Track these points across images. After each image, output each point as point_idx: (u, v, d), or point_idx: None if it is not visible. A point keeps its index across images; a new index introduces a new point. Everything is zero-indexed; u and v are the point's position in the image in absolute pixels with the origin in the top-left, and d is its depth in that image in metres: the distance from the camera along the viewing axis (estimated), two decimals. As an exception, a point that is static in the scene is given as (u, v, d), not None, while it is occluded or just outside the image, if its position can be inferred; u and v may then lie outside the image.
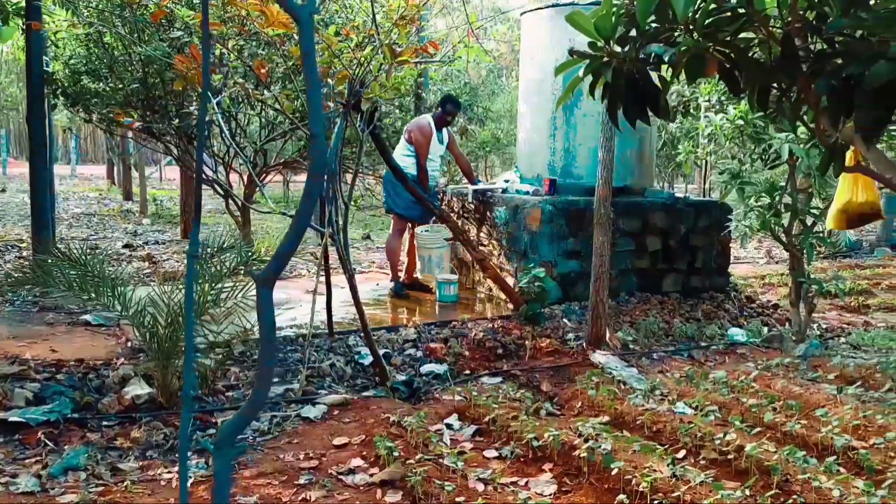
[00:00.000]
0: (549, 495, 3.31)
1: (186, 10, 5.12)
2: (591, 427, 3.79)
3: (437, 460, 3.52)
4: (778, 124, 5.20)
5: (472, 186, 7.31)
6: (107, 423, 3.96)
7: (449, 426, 4.11)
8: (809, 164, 5.19)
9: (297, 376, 4.61)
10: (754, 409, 4.13)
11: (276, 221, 12.95)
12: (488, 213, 7.06)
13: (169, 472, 3.41)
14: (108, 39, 7.23)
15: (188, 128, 6.90)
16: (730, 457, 3.54)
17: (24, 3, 6.64)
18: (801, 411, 4.12)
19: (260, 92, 4.99)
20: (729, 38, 1.68)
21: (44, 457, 3.53)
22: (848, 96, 1.52)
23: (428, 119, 7.01)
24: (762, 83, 1.74)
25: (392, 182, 6.80)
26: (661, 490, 3.14)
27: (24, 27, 6.62)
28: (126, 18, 6.88)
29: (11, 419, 3.80)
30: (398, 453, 3.53)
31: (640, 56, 1.77)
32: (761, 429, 3.90)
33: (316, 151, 1.00)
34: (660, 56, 1.74)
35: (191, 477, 3.32)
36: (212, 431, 3.92)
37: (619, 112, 1.92)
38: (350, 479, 3.41)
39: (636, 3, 1.62)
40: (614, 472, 3.30)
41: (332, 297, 5.26)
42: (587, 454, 3.46)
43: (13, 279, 4.91)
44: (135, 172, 16.68)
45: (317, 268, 5.00)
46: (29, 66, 6.67)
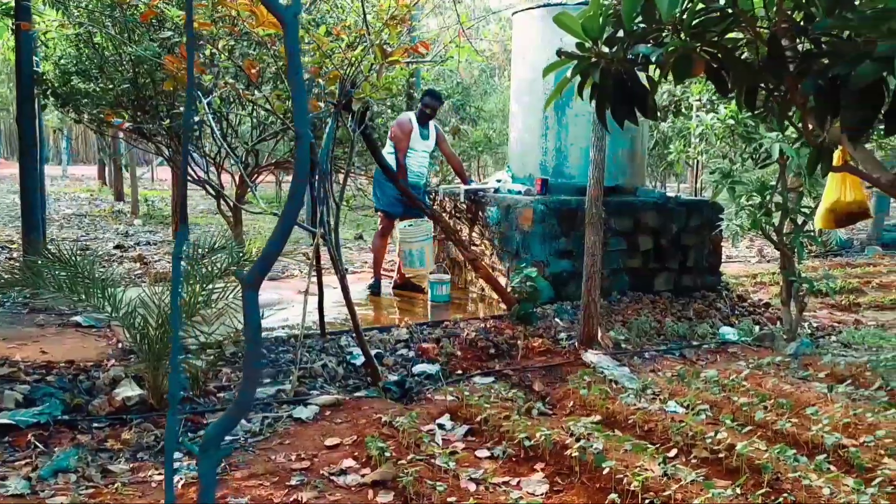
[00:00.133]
0: (540, 495, 3.32)
1: (176, 10, 5.11)
2: (582, 426, 3.80)
3: (429, 460, 3.51)
4: (768, 124, 5.22)
5: (465, 186, 7.31)
6: (97, 424, 3.95)
7: (441, 426, 4.11)
8: (800, 163, 5.21)
9: (289, 377, 4.60)
10: (745, 407, 4.14)
11: (268, 222, 12.92)
12: (480, 213, 7.06)
13: (160, 473, 3.40)
14: (98, 39, 7.19)
15: (179, 128, 6.87)
16: (721, 455, 3.55)
17: (13, 3, 6.61)
18: (791, 410, 4.13)
19: (251, 92, 4.98)
20: (716, 39, 1.69)
21: (34, 459, 3.51)
22: (834, 96, 1.53)
23: (409, 115, 7.00)
24: (749, 83, 1.75)
25: (378, 179, 6.91)
26: (653, 489, 3.15)
27: (14, 27, 6.59)
28: (116, 18, 6.86)
29: (1, 421, 3.78)
30: (390, 454, 3.53)
31: (627, 56, 1.78)
32: (752, 427, 3.92)
33: (302, 152, 1.00)
34: (647, 56, 1.75)
35: (182, 479, 3.31)
36: (203, 433, 3.91)
37: (608, 112, 1.92)
38: (342, 479, 3.41)
39: (622, 4, 1.62)
40: (606, 471, 3.31)
41: (324, 297, 5.26)
42: (579, 454, 3.46)
43: (3, 281, 4.88)
44: (126, 173, 16.63)
45: (308, 268, 4.98)
46: (18, 67, 6.64)
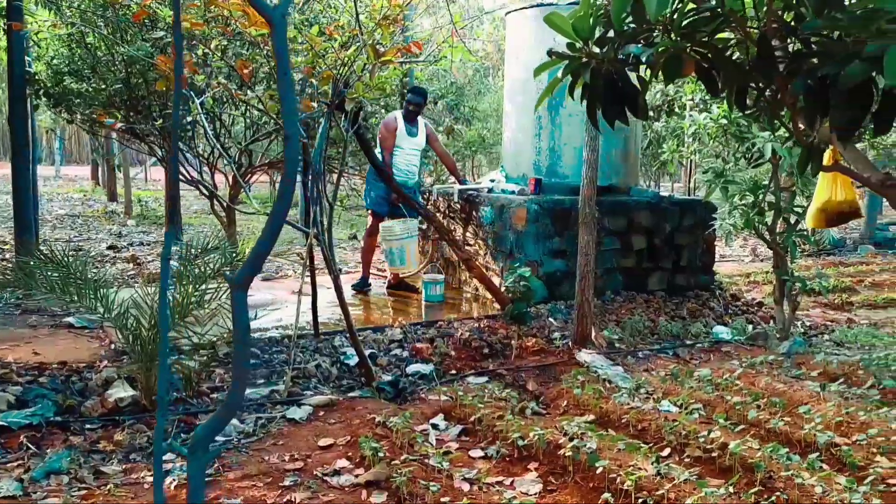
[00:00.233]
0: (534, 494, 3.32)
1: (168, 10, 5.09)
2: (576, 426, 3.80)
3: (423, 460, 3.51)
4: (761, 123, 5.23)
5: (459, 186, 7.31)
6: (90, 426, 3.93)
7: (435, 426, 4.11)
8: (792, 162, 5.23)
9: (283, 377, 4.59)
10: (738, 406, 4.15)
11: (261, 222, 12.89)
12: (474, 213, 7.06)
13: (152, 474, 3.39)
14: (90, 40, 7.17)
15: (172, 128, 6.86)
16: (714, 454, 3.55)
17: (4, 4, 6.58)
18: (784, 408, 4.14)
19: (243, 92, 4.97)
20: (706, 39, 1.69)
21: (26, 460, 3.49)
22: (824, 96, 1.53)
23: (395, 114, 7.00)
24: (740, 83, 1.75)
25: (368, 179, 6.98)
26: (646, 488, 3.15)
27: (5, 27, 6.57)
28: (108, 19, 6.84)
29: (-7, 423, 3.77)
30: (383, 454, 3.53)
31: (618, 57, 1.78)
32: (745, 426, 3.93)
33: (291, 152, 1.00)
34: (638, 56, 1.75)
35: (174, 480, 3.30)
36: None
37: (599, 112, 1.92)
38: (335, 480, 3.41)
39: (611, 4, 1.62)
40: (599, 470, 3.31)
41: (318, 297, 5.25)
42: (572, 453, 3.46)
43: (-5, 281, 4.87)
44: (119, 173, 16.59)
45: (302, 268, 4.98)
46: (10, 67, 6.63)
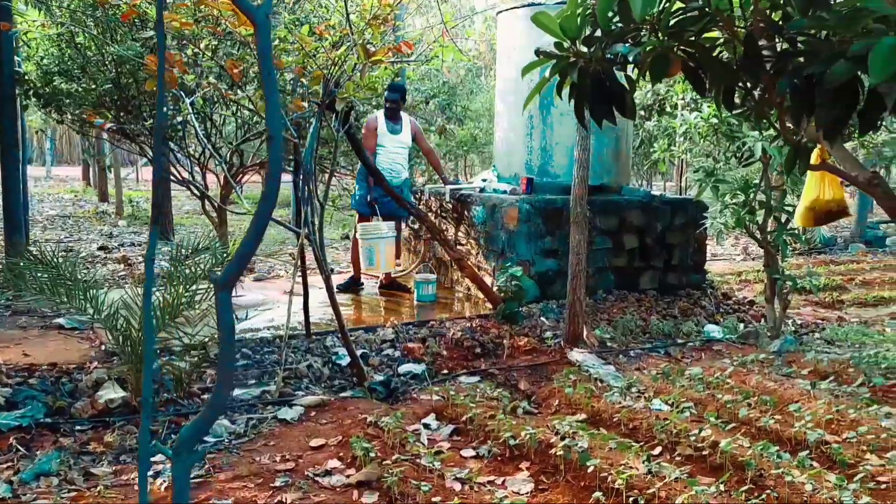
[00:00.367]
0: (525, 494, 3.32)
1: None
2: (567, 425, 3.80)
3: (414, 460, 3.51)
4: (751, 123, 5.25)
5: (449, 186, 7.31)
6: (80, 427, 3.92)
7: (426, 426, 4.11)
8: (782, 161, 5.24)
9: (274, 378, 4.58)
10: (729, 405, 4.16)
11: (254, 222, 12.86)
12: (466, 213, 7.06)
13: (143, 476, 3.37)
14: (80, 39, 7.14)
15: (162, 128, 6.83)
16: (705, 453, 3.56)
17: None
18: (775, 407, 4.16)
19: (234, 92, 4.96)
20: (693, 38, 1.69)
21: (15, 462, 3.48)
22: (809, 95, 1.53)
23: (377, 114, 6.99)
24: (727, 83, 1.76)
25: (357, 179, 7.05)
26: (637, 487, 3.16)
27: (-5, 27, 6.53)
28: (98, 18, 6.80)
29: (-18, 425, 3.75)
30: (375, 454, 3.53)
31: (606, 56, 1.78)
32: (736, 424, 3.94)
33: (274, 153, 1.00)
34: (625, 56, 1.75)
35: (165, 481, 3.29)
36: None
37: (587, 112, 1.93)
38: (326, 480, 3.40)
39: (597, 4, 1.62)
40: (590, 469, 3.31)
41: (310, 297, 5.24)
42: (563, 452, 3.47)
43: (-15, 283, 4.85)
44: (110, 174, 16.53)
45: (293, 269, 4.97)
46: (0, 67, 6.58)
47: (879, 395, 4.60)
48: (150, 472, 3.43)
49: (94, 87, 7.11)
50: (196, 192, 7.44)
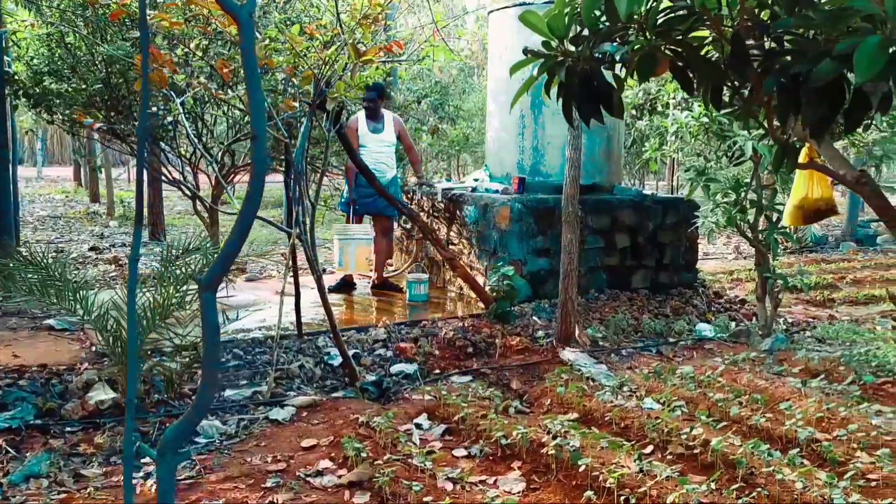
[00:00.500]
0: (517, 493, 3.32)
1: (147, 9, 5.04)
2: (559, 424, 3.80)
3: (406, 460, 3.51)
4: (741, 122, 5.26)
5: (420, 184, 7.39)
6: (70, 429, 3.90)
7: (418, 426, 4.10)
8: (772, 160, 5.26)
9: (266, 378, 4.57)
10: (721, 403, 4.17)
11: (246, 222, 12.83)
12: (458, 212, 7.06)
13: (133, 478, 3.36)
14: (70, 39, 7.11)
15: (153, 128, 6.81)
16: (696, 451, 3.57)
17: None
18: (766, 405, 4.17)
19: (224, 92, 4.95)
20: (681, 37, 1.69)
21: (5, 464, 3.46)
22: (796, 94, 1.54)
23: (358, 115, 6.97)
24: (714, 82, 1.76)
25: (346, 180, 7.07)
26: (628, 486, 3.16)
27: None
28: (88, 18, 6.78)
29: (-29, 427, 3.73)
30: (366, 454, 3.52)
31: (594, 55, 1.78)
32: (727, 423, 3.95)
33: (258, 153, 0.99)
34: (613, 55, 1.75)
35: (154, 483, 3.28)
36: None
37: (575, 111, 1.93)
38: (318, 480, 3.39)
39: (583, 3, 1.63)
40: (582, 468, 3.32)
41: (302, 297, 5.23)
42: (555, 451, 3.47)
43: (-27, 284, 4.82)
44: (101, 174, 16.46)
45: (285, 269, 4.96)
46: (-11, 67, 6.55)
47: (870, 393, 4.62)
48: (140, 474, 3.42)
49: (84, 87, 7.08)
50: (187, 192, 7.41)
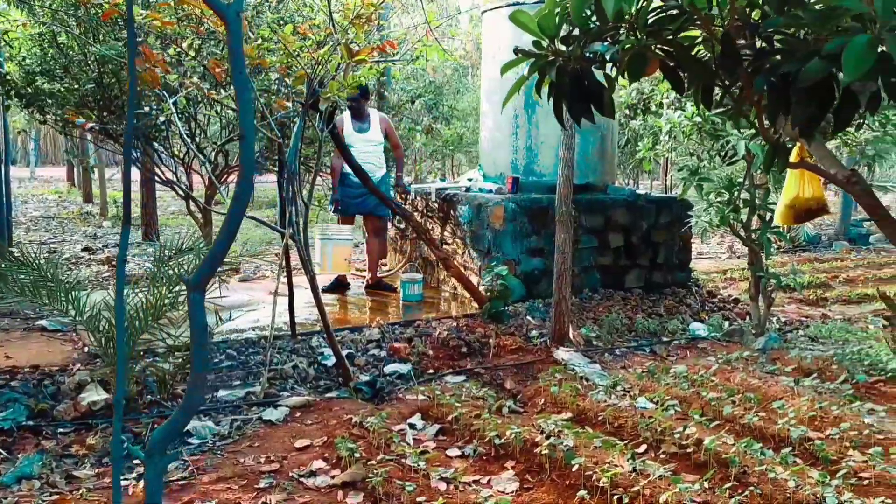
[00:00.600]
0: (510, 493, 3.32)
1: (139, 8, 5.04)
2: (553, 424, 3.81)
3: (400, 460, 3.51)
4: (733, 121, 5.27)
5: (398, 184, 7.36)
6: (62, 430, 3.88)
7: (412, 426, 4.10)
8: (763, 160, 5.27)
9: (259, 379, 4.56)
10: (714, 402, 4.18)
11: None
12: (452, 212, 7.06)
13: (125, 478, 3.35)
14: (62, 39, 7.08)
15: (145, 128, 6.80)
16: (689, 450, 3.58)
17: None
18: (759, 404, 4.18)
19: (217, 92, 4.94)
20: (672, 37, 1.70)
21: (-4, 466, 3.45)
22: (785, 94, 1.54)
23: (343, 116, 6.95)
24: (705, 81, 1.76)
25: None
26: (621, 485, 3.17)
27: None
28: (81, 18, 6.75)
29: (-37, 428, 3.71)
30: (360, 454, 3.52)
31: (584, 54, 1.79)
32: (720, 422, 3.96)
33: (246, 153, 0.99)
34: (603, 54, 1.75)
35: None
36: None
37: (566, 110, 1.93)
38: (311, 481, 3.39)
39: (571, 3, 1.62)
40: (575, 468, 3.32)
41: (296, 297, 5.23)
42: (549, 451, 3.47)
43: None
44: (95, 174, 16.42)
45: (278, 269, 4.95)
46: (-20, 67, 6.53)
47: (862, 392, 4.63)
48: (133, 475, 3.41)
49: (76, 86, 7.05)
50: (180, 192, 7.40)
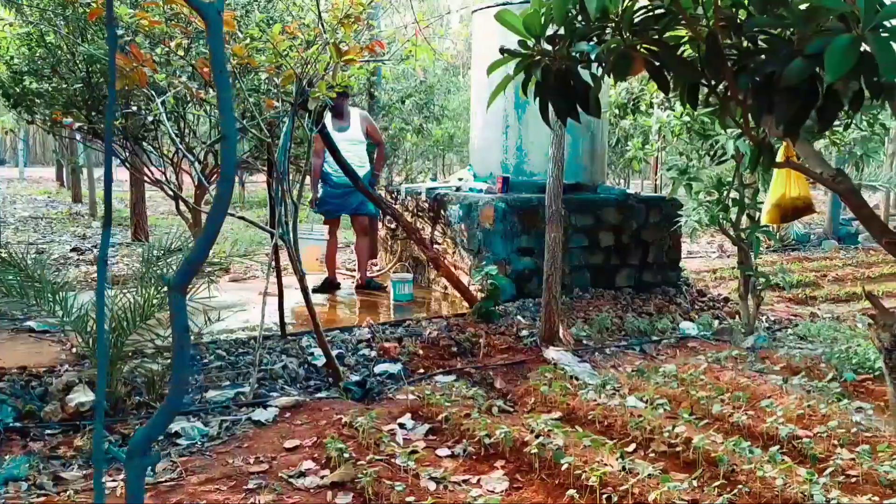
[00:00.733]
0: (500, 492, 3.32)
1: (126, 7, 5.01)
2: (543, 423, 3.81)
3: (389, 460, 3.50)
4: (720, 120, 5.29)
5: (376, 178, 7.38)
6: (50, 431, 3.86)
7: (402, 426, 4.09)
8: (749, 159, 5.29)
9: (249, 379, 4.55)
10: (703, 401, 4.19)
11: (228, 222, 12.77)
12: (442, 212, 7.06)
13: (113, 479, 3.33)
14: (50, 39, 7.04)
15: (134, 128, 6.76)
16: (678, 449, 3.59)
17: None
18: (748, 402, 4.19)
19: (205, 91, 4.92)
20: (657, 37, 1.70)
21: (-17, 468, 3.42)
22: (768, 93, 1.55)
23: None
24: (690, 81, 1.77)
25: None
26: (611, 484, 3.17)
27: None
28: (69, 18, 6.71)
29: (-51, 430, 3.69)
30: (349, 454, 3.51)
31: (570, 54, 1.79)
32: (709, 420, 3.97)
33: (227, 153, 0.98)
34: (589, 54, 1.76)
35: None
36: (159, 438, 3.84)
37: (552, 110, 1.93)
38: (300, 481, 3.38)
39: (554, 2, 1.63)
40: (564, 467, 3.32)
41: (285, 298, 5.21)
42: (538, 450, 3.47)
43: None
44: (84, 174, 16.35)
45: (268, 269, 4.94)
46: (-32, 67, 6.48)
47: (850, 390, 4.66)
48: (122, 476, 3.39)
49: (64, 86, 7.01)
50: (170, 192, 7.36)
